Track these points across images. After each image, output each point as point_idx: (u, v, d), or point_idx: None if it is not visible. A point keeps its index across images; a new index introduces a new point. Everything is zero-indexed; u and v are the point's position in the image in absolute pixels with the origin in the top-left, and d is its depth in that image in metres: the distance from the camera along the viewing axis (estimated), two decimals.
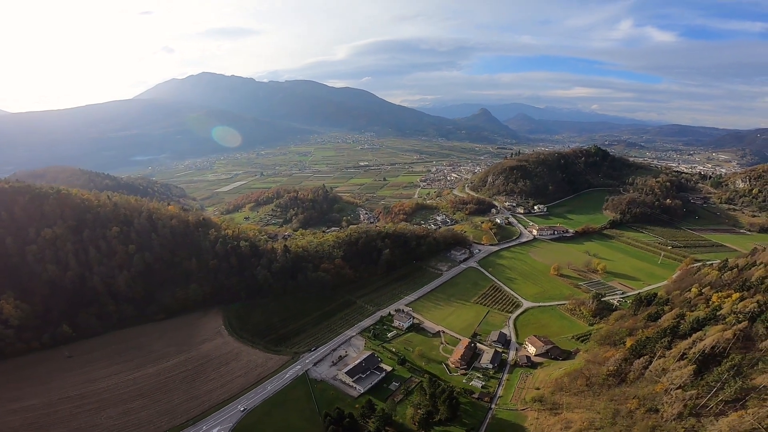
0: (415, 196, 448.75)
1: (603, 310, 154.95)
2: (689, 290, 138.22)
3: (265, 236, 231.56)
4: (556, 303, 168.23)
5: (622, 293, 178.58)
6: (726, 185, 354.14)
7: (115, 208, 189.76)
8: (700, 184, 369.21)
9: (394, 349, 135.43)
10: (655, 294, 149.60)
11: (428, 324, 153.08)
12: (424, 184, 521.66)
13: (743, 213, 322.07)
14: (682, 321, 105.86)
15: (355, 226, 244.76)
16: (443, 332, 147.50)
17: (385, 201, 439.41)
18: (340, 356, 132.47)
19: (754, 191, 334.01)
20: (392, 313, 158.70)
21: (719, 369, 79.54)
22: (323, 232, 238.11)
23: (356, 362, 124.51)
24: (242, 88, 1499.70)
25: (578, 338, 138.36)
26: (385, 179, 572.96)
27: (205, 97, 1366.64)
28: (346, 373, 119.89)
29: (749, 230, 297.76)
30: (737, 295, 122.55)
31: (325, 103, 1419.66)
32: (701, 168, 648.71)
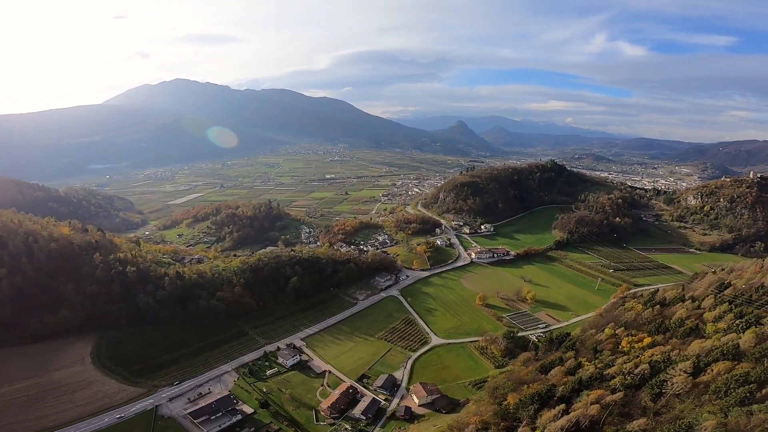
0: (373, 211, 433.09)
1: (516, 348, 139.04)
2: (603, 330, 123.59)
3: (169, 258, 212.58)
4: (469, 340, 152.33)
5: (546, 326, 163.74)
6: (678, 202, 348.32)
7: None
8: (653, 201, 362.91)
9: (265, 389, 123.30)
10: (568, 334, 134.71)
11: (317, 362, 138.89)
12: (385, 198, 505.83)
13: (694, 231, 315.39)
14: (569, 377, 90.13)
15: (264, 250, 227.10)
16: (329, 372, 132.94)
17: (341, 217, 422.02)
18: (200, 393, 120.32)
19: (705, 208, 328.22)
20: (280, 348, 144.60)
21: None
22: (234, 255, 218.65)
23: (207, 402, 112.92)
24: (217, 95, 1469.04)
25: (477, 384, 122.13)
26: (346, 193, 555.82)
27: (177, 104, 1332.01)
28: (190, 413, 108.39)
29: (699, 249, 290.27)
30: (649, 340, 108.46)
31: (300, 113, 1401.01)
32: (663, 182, 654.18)
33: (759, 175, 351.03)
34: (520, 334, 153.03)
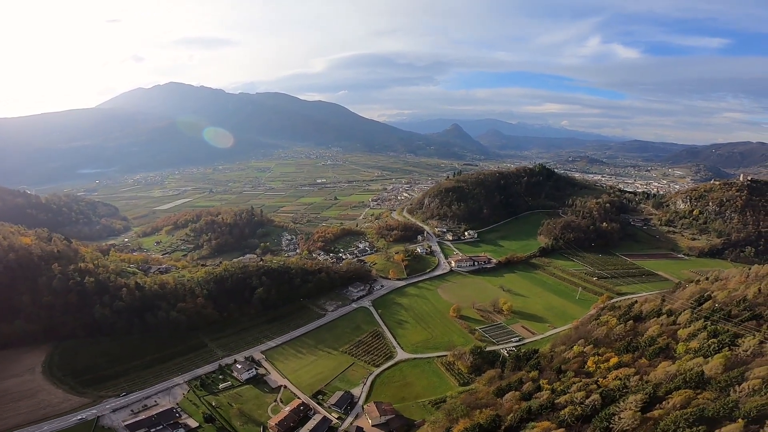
0: (360, 217, 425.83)
1: (485, 364, 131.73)
2: (573, 347, 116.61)
3: (134, 268, 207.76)
4: (437, 354, 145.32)
5: (519, 340, 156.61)
6: (667, 206, 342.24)
7: None
8: (642, 205, 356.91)
9: (215, 403, 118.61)
10: (536, 350, 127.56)
11: (274, 376, 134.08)
12: (374, 203, 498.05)
13: (683, 236, 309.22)
14: (523, 403, 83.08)
15: (230, 261, 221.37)
16: (285, 387, 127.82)
17: (327, 222, 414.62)
18: (146, 405, 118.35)
19: (694, 212, 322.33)
20: (237, 360, 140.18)
21: None
22: (202, 265, 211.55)
23: (148, 415, 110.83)
24: (211, 99, 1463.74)
25: (436, 404, 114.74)
26: (336, 198, 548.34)
27: (170, 107, 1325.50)
28: (128, 425, 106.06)
29: (688, 255, 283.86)
30: (615, 360, 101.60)
31: (295, 117, 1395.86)
32: (656, 184, 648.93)
33: (749, 178, 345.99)
34: (490, 348, 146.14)
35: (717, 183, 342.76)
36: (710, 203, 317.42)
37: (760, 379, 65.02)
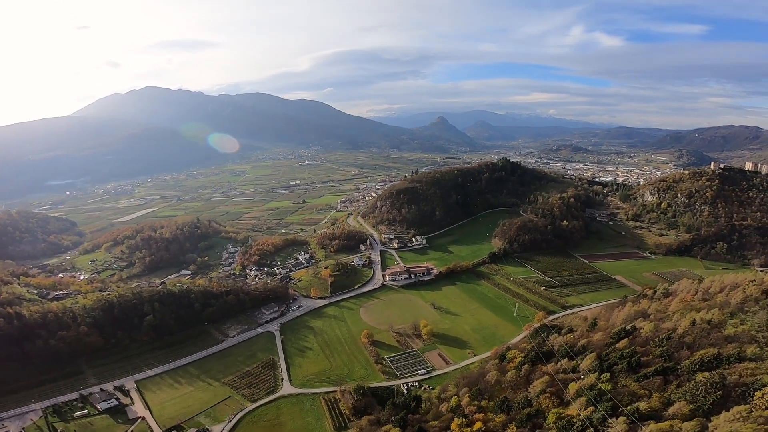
0: (324, 221, 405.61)
1: (371, 406, 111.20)
2: (452, 398, 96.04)
3: (34, 294, 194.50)
4: (326, 390, 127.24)
5: (428, 371, 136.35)
6: (635, 198, 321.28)
7: None
8: (609, 198, 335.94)
9: (61, 430, 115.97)
10: (418, 397, 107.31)
11: (137, 407, 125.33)
12: (341, 205, 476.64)
13: (650, 231, 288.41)
14: None
15: (126, 285, 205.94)
16: (143, 419, 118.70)
17: (288, 229, 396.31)
18: None
19: (663, 205, 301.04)
20: (103, 389, 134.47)
21: None
22: (100, 291, 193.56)
23: None
24: (190, 102, 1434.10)
25: None
26: (303, 201, 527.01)
27: (147, 113, 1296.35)
28: None
29: (654, 253, 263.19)
30: (479, 425, 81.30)
31: (276, 118, 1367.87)
32: (638, 171, 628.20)
33: (721, 166, 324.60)
34: (388, 383, 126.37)
35: (686, 172, 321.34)
36: (679, 195, 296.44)
37: None
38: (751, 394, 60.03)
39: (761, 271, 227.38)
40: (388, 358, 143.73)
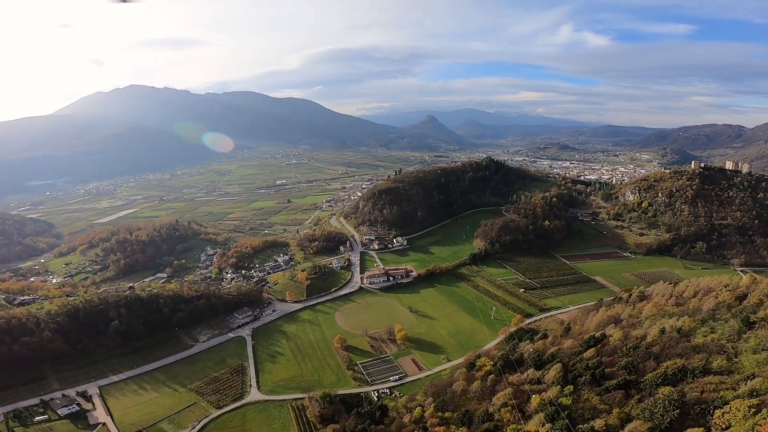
0: (308, 221, 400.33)
1: (339, 413, 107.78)
2: (422, 405, 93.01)
3: (2, 299, 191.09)
4: (295, 396, 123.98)
5: (400, 378, 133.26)
6: (616, 197, 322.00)
7: None
8: (592, 197, 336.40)
9: None
10: (384, 406, 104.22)
11: (99, 413, 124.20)
12: (326, 205, 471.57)
13: (631, 231, 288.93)
14: None
15: (94, 290, 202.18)
16: (104, 425, 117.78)
17: (272, 229, 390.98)
18: None
19: (643, 204, 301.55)
20: (65, 395, 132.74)
21: None
22: (67, 295, 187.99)
23: None
24: (176, 101, 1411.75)
25: None
26: (288, 201, 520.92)
27: (131, 111, 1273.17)
28: None
29: (635, 253, 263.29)
30: None
31: (264, 116, 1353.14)
32: (623, 169, 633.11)
33: (701, 165, 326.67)
34: (358, 390, 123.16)
35: (667, 171, 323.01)
36: (659, 194, 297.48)
37: None
38: (711, 412, 57.72)
39: (741, 271, 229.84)
40: (360, 363, 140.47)
